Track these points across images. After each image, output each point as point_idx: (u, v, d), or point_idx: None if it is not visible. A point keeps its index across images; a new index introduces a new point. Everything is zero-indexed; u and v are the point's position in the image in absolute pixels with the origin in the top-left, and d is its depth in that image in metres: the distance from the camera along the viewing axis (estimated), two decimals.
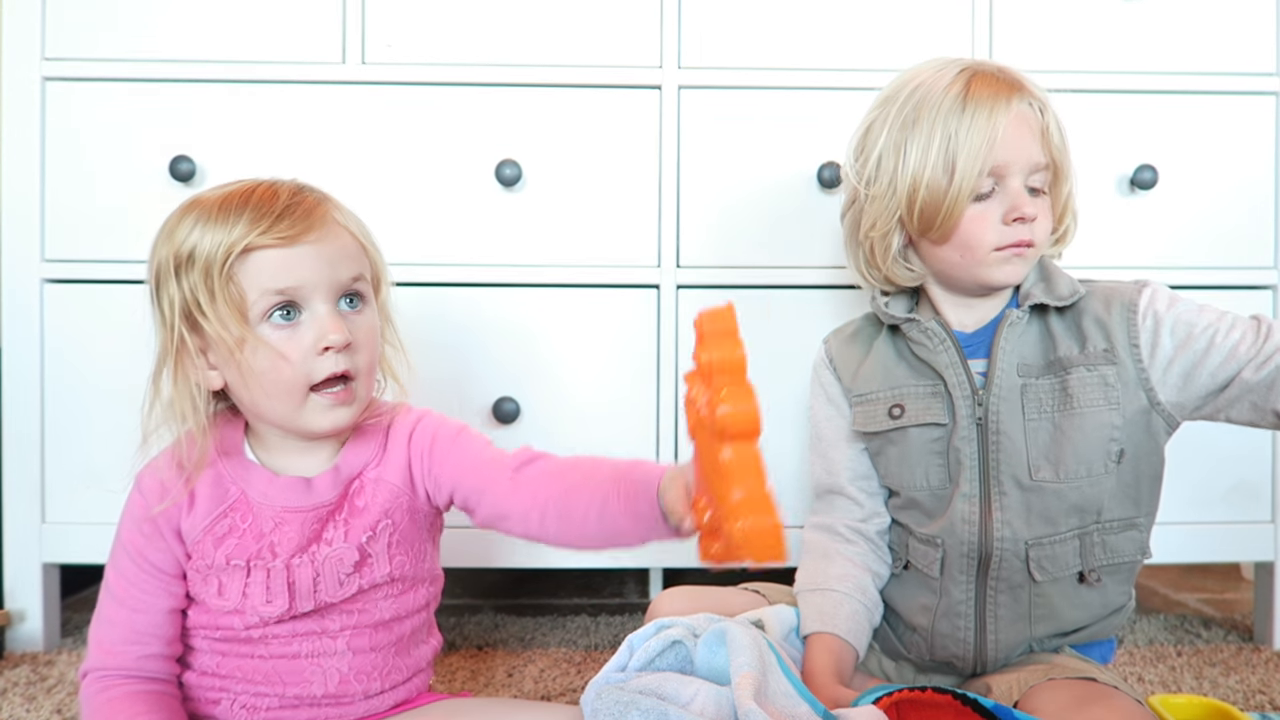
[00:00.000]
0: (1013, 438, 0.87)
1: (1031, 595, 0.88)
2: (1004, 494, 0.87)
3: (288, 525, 0.80)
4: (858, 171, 0.94)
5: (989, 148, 0.85)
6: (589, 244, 1.23)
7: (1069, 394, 0.86)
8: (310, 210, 0.78)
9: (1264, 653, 1.24)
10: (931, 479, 0.91)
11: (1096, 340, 0.86)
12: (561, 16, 1.23)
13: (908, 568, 0.94)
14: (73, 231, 1.22)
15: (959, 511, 0.88)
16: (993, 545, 0.87)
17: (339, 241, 0.79)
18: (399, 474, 0.84)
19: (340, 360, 0.77)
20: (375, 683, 0.83)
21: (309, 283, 0.76)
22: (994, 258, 0.87)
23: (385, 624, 0.84)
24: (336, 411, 0.78)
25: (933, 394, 0.90)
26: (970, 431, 0.88)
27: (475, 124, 1.23)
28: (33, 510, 1.23)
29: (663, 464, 0.75)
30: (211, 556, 0.80)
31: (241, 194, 0.77)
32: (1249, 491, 1.27)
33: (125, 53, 1.21)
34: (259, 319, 0.76)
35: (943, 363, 0.90)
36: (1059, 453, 0.86)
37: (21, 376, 1.22)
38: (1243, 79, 1.25)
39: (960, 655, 0.91)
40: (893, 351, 0.95)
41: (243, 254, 0.75)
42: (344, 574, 0.81)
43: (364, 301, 0.81)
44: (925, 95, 0.88)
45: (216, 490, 0.80)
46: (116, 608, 0.80)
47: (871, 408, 0.94)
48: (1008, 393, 0.87)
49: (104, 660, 0.79)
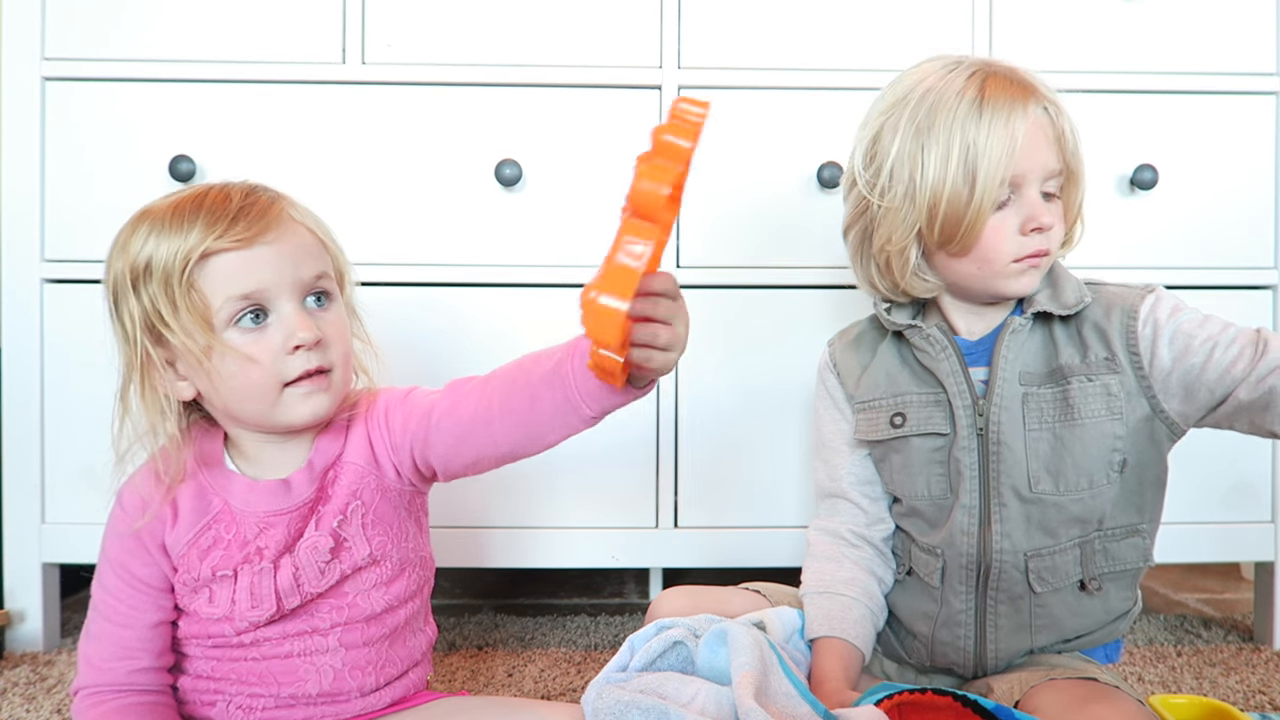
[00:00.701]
0: (1013, 448, 0.85)
1: (1032, 605, 0.87)
2: (1003, 505, 0.86)
3: (273, 529, 0.80)
4: (869, 182, 0.89)
5: (1010, 157, 0.82)
6: (589, 244, 1.23)
7: (1070, 404, 0.84)
8: (265, 210, 0.76)
9: (1264, 653, 1.24)
10: (933, 488, 0.89)
11: (1097, 349, 0.85)
12: (561, 16, 1.23)
13: (910, 574, 0.93)
14: (73, 231, 1.22)
15: (958, 523, 0.87)
16: (992, 557, 0.86)
17: (298, 239, 0.78)
18: (361, 453, 0.83)
19: (312, 357, 0.77)
20: (370, 678, 0.83)
21: (272, 284, 0.75)
22: (1012, 269, 0.85)
23: (376, 617, 0.83)
24: (315, 399, 0.77)
25: (935, 402, 0.89)
26: (970, 441, 0.86)
27: (475, 124, 1.23)
28: (32, 510, 1.23)
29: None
30: (198, 570, 0.79)
31: (193, 200, 0.76)
32: (1249, 491, 1.27)
33: (125, 53, 1.21)
34: (225, 325, 0.75)
35: (944, 370, 0.88)
36: (1059, 465, 0.84)
37: (21, 376, 1.22)
38: (1243, 79, 1.25)
39: (960, 663, 0.90)
40: (897, 357, 0.94)
41: (201, 260, 0.73)
42: (322, 562, 0.80)
43: (330, 298, 0.80)
44: (939, 100, 0.84)
45: (199, 503, 0.80)
46: (104, 624, 0.80)
47: (874, 415, 0.93)
48: (1009, 402, 0.85)
49: (94, 677, 0.79)
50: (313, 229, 0.80)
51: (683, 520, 1.25)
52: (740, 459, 1.25)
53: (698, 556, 1.25)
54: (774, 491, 1.25)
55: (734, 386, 1.25)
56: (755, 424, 1.25)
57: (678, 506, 1.25)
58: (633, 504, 1.25)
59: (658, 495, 1.25)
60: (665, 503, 1.25)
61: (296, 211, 0.80)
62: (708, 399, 1.24)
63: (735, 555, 1.25)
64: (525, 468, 1.23)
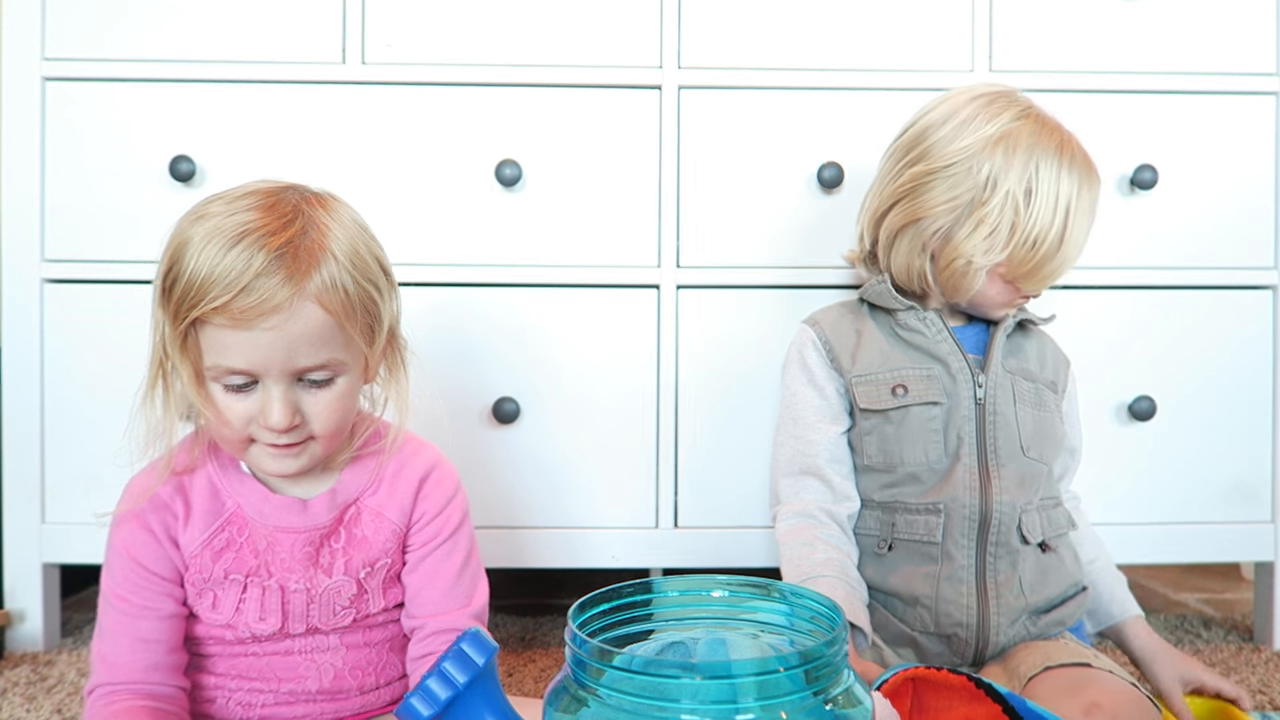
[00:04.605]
0: (1007, 418, 0.98)
1: (1020, 561, 0.95)
2: (1001, 465, 0.96)
3: (280, 545, 0.80)
4: (970, 188, 0.96)
5: (1091, 219, 0.98)
6: (589, 244, 1.23)
7: (1039, 396, 1.01)
8: (287, 279, 0.71)
9: (1264, 653, 1.24)
10: (930, 454, 0.97)
11: (1049, 371, 1.04)
12: (561, 16, 1.23)
13: (892, 548, 0.97)
14: (73, 231, 1.22)
15: (961, 480, 0.95)
16: (992, 509, 0.94)
17: (304, 326, 0.72)
18: (400, 514, 0.83)
19: (282, 437, 0.75)
20: (370, 678, 0.83)
21: (260, 367, 0.72)
22: (1018, 301, 1.02)
23: (380, 624, 0.84)
24: (282, 461, 0.76)
25: (929, 376, 0.98)
26: (970, 411, 0.97)
27: (475, 124, 1.23)
28: (33, 510, 1.22)
29: None
30: (210, 570, 0.79)
31: (236, 233, 0.71)
32: (1249, 491, 1.27)
33: (125, 53, 1.21)
34: (212, 379, 0.74)
35: (944, 350, 0.99)
36: (1039, 438, 0.99)
37: (21, 376, 1.22)
38: (1243, 79, 1.25)
39: (964, 623, 0.93)
40: (884, 336, 1.03)
41: (201, 320, 0.71)
42: (340, 606, 0.81)
43: (331, 379, 0.76)
44: (1044, 152, 0.95)
45: (213, 503, 0.80)
46: (117, 617, 0.78)
47: (873, 387, 1.00)
48: (1000, 380, 0.99)
49: (110, 675, 0.77)
50: (333, 309, 0.73)
51: (683, 520, 1.25)
52: (740, 459, 1.25)
53: (698, 557, 1.25)
54: None
55: (733, 386, 1.25)
56: (755, 424, 1.24)
57: (678, 506, 1.25)
58: (633, 504, 1.25)
59: (658, 495, 1.25)
60: (665, 503, 1.25)
61: (326, 276, 0.73)
62: (707, 399, 1.24)
63: (735, 555, 1.25)
64: (524, 467, 1.24)
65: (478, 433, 1.23)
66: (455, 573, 0.84)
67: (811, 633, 0.60)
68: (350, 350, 0.77)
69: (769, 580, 0.63)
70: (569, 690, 0.54)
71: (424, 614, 0.83)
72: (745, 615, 0.63)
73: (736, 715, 0.49)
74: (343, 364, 0.76)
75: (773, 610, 0.62)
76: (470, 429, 1.22)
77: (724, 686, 0.50)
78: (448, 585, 0.83)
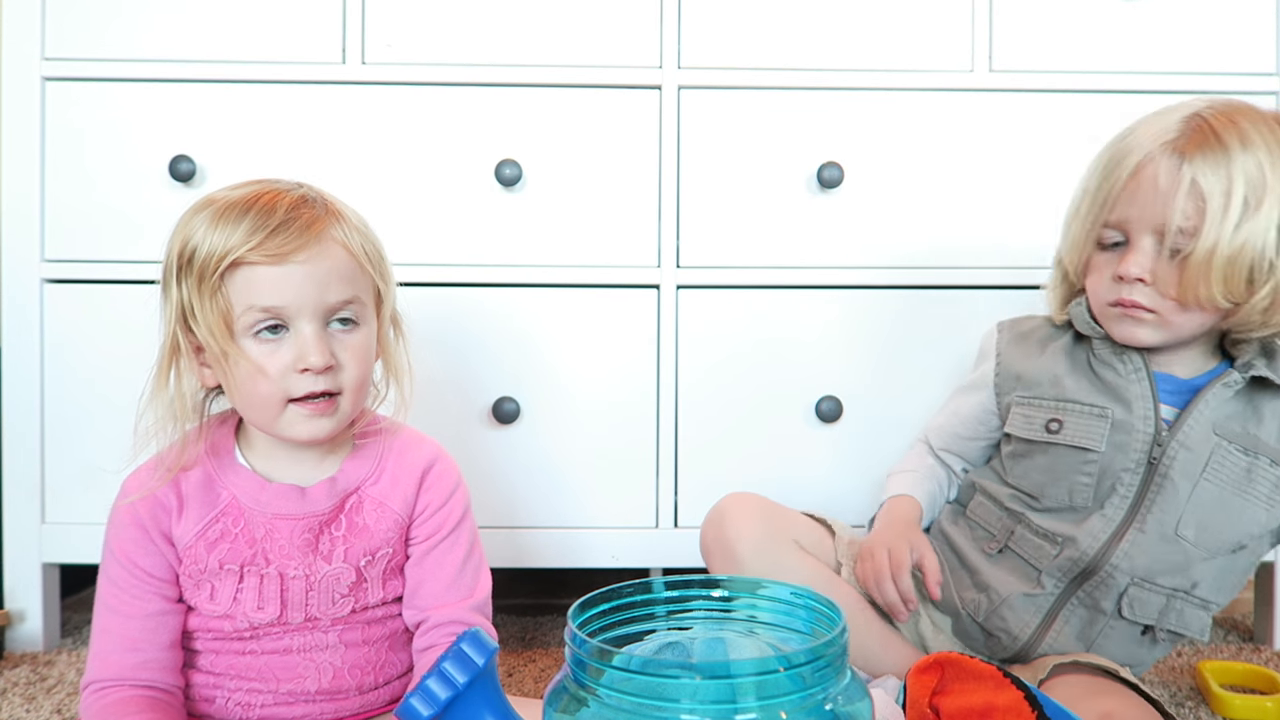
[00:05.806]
0: (1179, 488, 0.86)
1: (1104, 624, 0.90)
2: (1143, 532, 0.87)
3: (279, 532, 0.80)
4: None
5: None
6: (589, 244, 1.23)
7: (1250, 476, 0.86)
8: (307, 226, 0.76)
9: (1264, 653, 1.24)
10: (1075, 497, 0.90)
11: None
12: (561, 16, 1.23)
13: (1002, 552, 0.95)
14: (73, 231, 1.22)
15: (1093, 528, 0.89)
16: (1104, 565, 0.88)
17: (332, 262, 0.77)
18: (403, 505, 0.84)
19: (319, 381, 0.77)
20: (369, 677, 0.83)
21: (294, 303, 0.76)
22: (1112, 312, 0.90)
23: (378, 620, 0.84)
24: (315, 422, 0.78)
25: (1097, 416, 0.89)
26: (1139, 467, 0.88)
27: (475, 124, 1.23)
28: (33, 510, 1.22)
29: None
30: (205, 561, 0.79)
31: (245, 201, 0.77)
32: None
33: (125, 53, 1.21)
34: (244, 332, 0.76)
35: (1133, 393, 0.89)
36: (1211, 521, 0.86)
37: (21, 376, 1.22)
38: (1243, 79, 1.25)
39: (1014, 635, 0.92)
40: (1069, 362, 0.94)
41: (233, 266, 0.74)
42: (339, 594, 0.81)
43: (358, 322, 0.80)
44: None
45: (208, 495, 0.80)
46: (111, 616, 0.80)
47: (1031, 412, 0.94)
48: (1196, 445, 0.86)
49: (103, 671, 0.79)
50: (354, 250, 0.79)
51: (683, 520, 1.25)
52: (740, 460, 1.25)
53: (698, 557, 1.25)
54: (774, 492, 1.25)
55: (733, 386, 1.25)
56: (755, 424, 1.24)
57: (678, 506, 1.25)
58: (632, 504, 1.25)
59: (657, 495, 1.25)
60: (665, 503, 1.25)
61: (343, 229, 0.79)
62: (707, 398, 1.24)
63: None
64: (524, 467, 1.24)
65: (477, 433, 1.23)
66: (459, 565, 0.85)
67: (812, 632, 0.60)
68: (370, 298, 0.81)
69: (768, 580, 0.64)
70: (569, 690, 0.54)
71: (428, 606, 0.84)
72: (745, 615, 0.63)
73: (736, 715, 0.49)
74: (365, 307, 0.81)
75: (772, 610, 0.63)
76: (470, 429, 1.22)
77: (724, 686, 0.50)
78: (451, 578, 0.84)
